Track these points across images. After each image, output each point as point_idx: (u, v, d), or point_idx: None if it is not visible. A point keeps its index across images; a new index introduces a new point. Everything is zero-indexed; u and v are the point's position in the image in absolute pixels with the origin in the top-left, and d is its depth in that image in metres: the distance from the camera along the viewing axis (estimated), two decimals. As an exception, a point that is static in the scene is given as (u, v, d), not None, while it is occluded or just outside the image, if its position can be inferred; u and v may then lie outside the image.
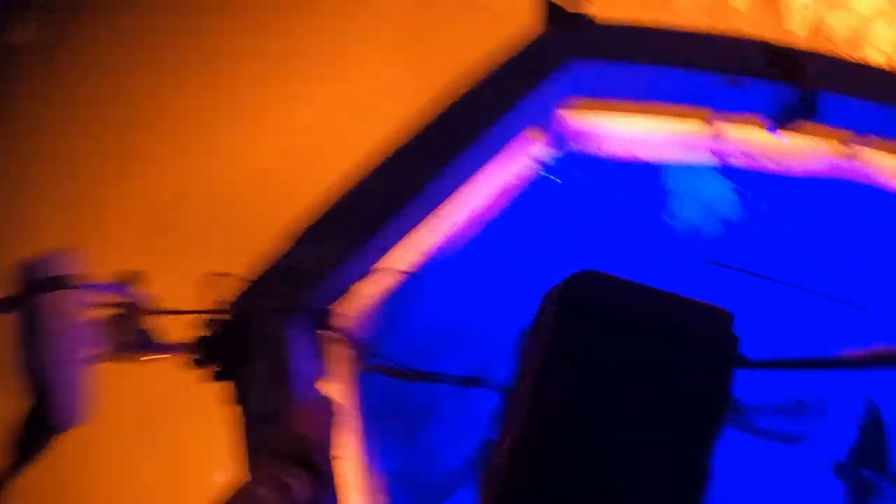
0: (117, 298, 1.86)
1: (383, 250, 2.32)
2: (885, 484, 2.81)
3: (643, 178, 2.51)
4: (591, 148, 2.48)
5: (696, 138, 2.64)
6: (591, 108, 2.43)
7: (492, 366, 2.18)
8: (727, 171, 2.61)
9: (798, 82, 2.43)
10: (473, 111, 2.20)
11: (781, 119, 2.55)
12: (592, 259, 2.38)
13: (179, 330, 2.09)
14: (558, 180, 2.70)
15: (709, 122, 2.64)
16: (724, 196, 2.57)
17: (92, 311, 1.72)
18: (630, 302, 1.43)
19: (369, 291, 2.44)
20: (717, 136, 2.66)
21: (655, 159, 2.55)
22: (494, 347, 2.24)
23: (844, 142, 2.96)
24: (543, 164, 2.46)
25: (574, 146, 2.48)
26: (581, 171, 2.47)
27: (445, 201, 2.32)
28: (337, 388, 2.34)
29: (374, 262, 2.33)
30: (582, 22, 2.27)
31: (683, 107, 2.50)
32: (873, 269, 2.74)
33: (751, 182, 2.62)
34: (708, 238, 2.52)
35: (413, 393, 2.43)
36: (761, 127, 2.63)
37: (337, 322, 2.38)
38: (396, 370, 2.47)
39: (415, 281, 2.40)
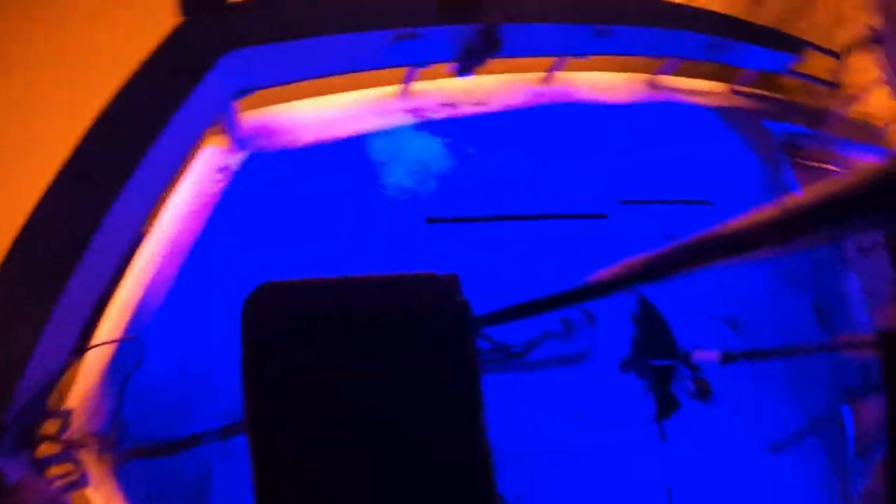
0: None
1: (75, 322, 1.94)
2: (679, 366, 2.96)
3: (347, 156, 2.36)
4: (281, 141, 2.29)
5: (390, 101, 2.56)
6: (266, 99, 2.23)
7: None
8: (430, 126, 2.55)
9: (476, 20, 2.41)
10: (125, 133, 1.86)
11: (469, 61, 2.54)
12: (314, 256, 2.19)
13: None
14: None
15: (398, 81, 2.58)
16: (433, 152, 2.51)
17: None
18: (333, 302, 1.24)
19: (85, 374, 2.05)
20: (409, 94, 2.60)
21: (354, 133, 2.42)
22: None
23: (539, 68, 3.08)
24: (231, 172, 2.21)
25: (260, 144, 2.27)
26: (276, 167, 2.26)
27: (131, 243, 2.00)
28: (97, 494, 1.94)
29: (73, 340, 1.94)
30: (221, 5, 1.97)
31: (367, 72, 2.39)
32: (599, 179, 2.87)
33: (456, 131, 2.60)
34: (428, 197, 2.44)
35: (183, 462, 2.10)
36: (451, 74, 2.62)
37: (56, 424, 1.98)
38: (152, 449, 2.13)
39: (134, 342, 2.05)
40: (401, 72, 2.59)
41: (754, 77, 3.80)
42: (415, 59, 2.41)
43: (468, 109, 2.67)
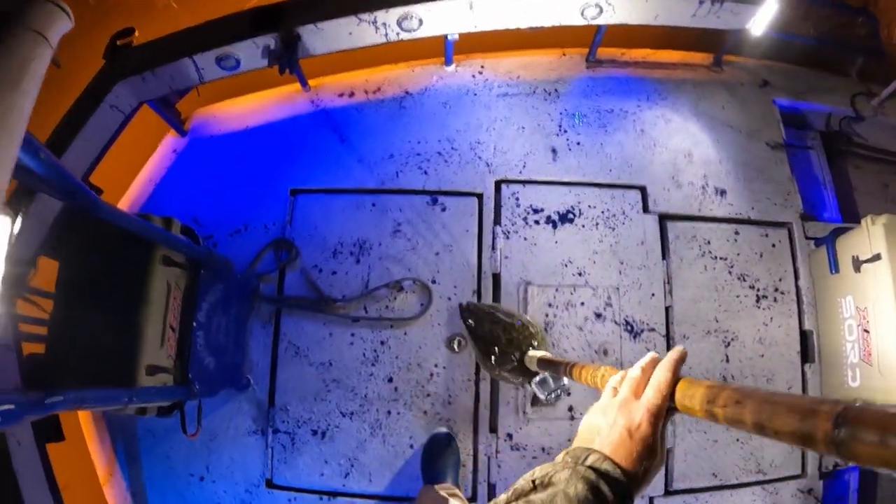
0: None
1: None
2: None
3: (259, 141, 3.05)
4: (212, 130, 3.09)
5: (296, 96, 3.09)
6: (209, 100, 3.00)
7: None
8: (324, 114, 3.03)
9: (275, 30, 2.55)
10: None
11: (281, 63, 2.60)
12: (223, 210, 2.92)
13: None
14: None
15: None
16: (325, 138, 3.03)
17: None
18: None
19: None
20: (311, 89, 3.05)
21: (265, 122, 3.09)
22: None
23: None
24: (178, 153, 3.06)
25: (199, 133, 3.06)
26: (209, 150, 3.06)
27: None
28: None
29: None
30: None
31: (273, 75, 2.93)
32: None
33: (349, 116, 3.02)
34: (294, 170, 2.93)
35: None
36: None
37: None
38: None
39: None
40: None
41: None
42: (237, 70, 2.72)
43: (362, 97, 3.05)
